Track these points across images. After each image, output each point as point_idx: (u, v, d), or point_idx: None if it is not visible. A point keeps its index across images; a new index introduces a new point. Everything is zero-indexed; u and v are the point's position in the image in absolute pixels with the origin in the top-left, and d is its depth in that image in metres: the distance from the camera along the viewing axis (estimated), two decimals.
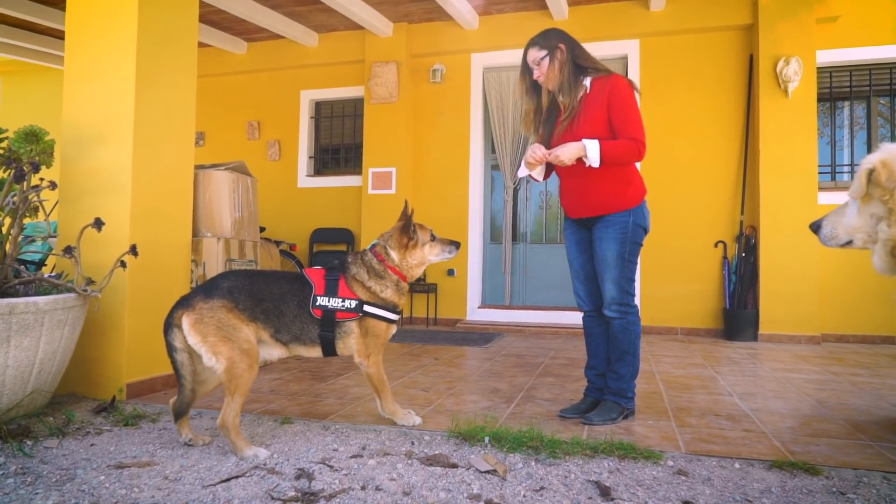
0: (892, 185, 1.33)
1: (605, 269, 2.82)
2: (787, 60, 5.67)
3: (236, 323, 2.36)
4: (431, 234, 2.78)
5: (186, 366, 2.39)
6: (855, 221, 1.46)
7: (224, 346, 2.32)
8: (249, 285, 2.46)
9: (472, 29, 6.73)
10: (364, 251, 2.70)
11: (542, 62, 2.83)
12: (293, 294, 2.51)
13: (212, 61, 7.69)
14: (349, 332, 2.56)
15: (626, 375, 2.85)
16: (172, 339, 2.37)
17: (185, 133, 3.50)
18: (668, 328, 6.15)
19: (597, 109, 2.77)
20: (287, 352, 2.56)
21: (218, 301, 2.37)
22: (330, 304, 2.51)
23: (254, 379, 2.41)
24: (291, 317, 2.49)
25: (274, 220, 7.31)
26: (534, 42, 2.89)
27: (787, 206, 5.69)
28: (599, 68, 2.85)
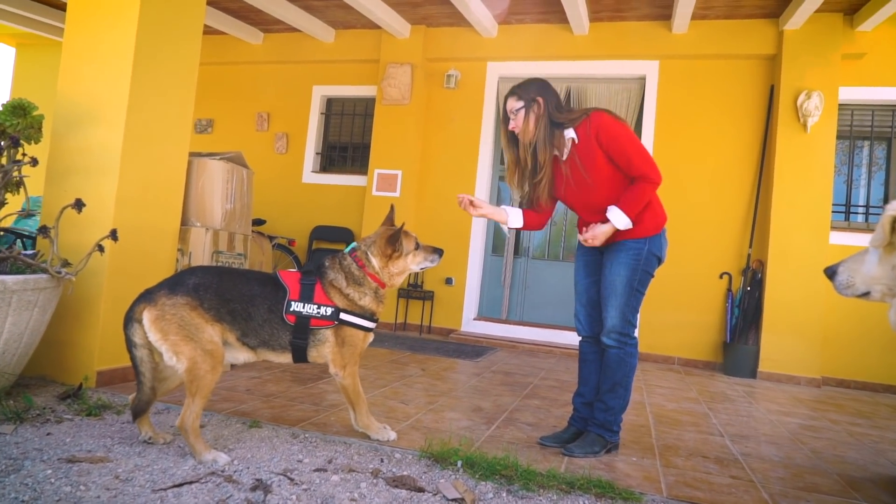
0: None
1: (611, 295, 2.68)
2: (808, 94, 5.54)
3: (199, 322, 2.25)
4: (416, 243, 2.67)
5: (146, 363, 2.28)
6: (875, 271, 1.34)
7: (186, 345, 2.21)
8: (217, 284, 2.33)
9: (490, 37, 6.64)
10: (343, 255, 2.57)
11: (518, 113, 2.69)
12: (264, 297, 2.39)
13: (227, 49, 7.64)
14: (324, 341, 2.45)
15: (615, 408, 2.72)
16: (132, 334, 2.25)
17: (182, 119, 3.42)
18: (666, 357, 6.01)
19: (593, 154, 2.63)
20: (255, 356, 2.44)
21: (182, 298, 2.25)
22: (304, 311, 2.39)
23: (217, 380, 2.30)
24: (260, 321, 2.37)
25: (276, 213, 7.23)
26: (512, 92, 2.75)
27: (796, 243, 5.55)
28: (576, 118, 2.67)
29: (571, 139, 2.67)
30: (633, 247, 2.67)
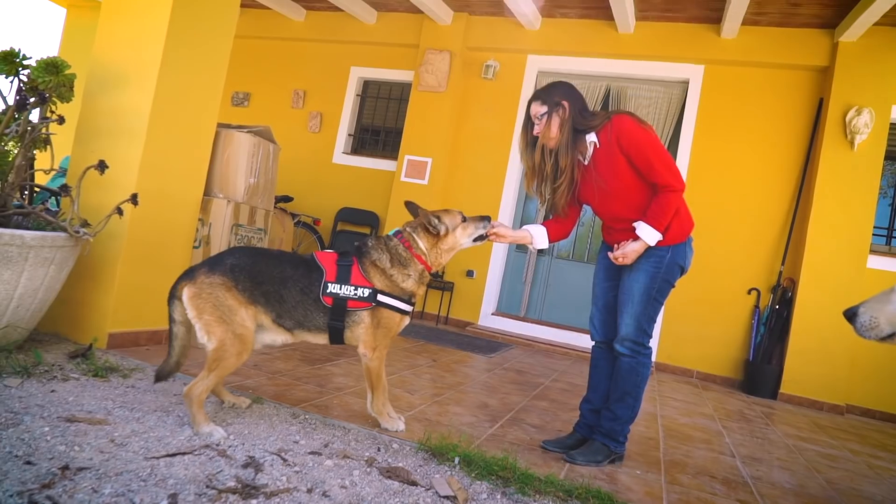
0: None
1: (628, 302, 2.60)
2: (858, 110, 5.31)
3: (234, 304, 2.26)
4: (462, 216, 2.61)
5: (180, 339, 2.32)
6: None
7: (219, 326, 2.24)
8: (251, 266, 2.34)
9: (532, 29, 6.52)
10: (388, 236, 2.54)
11: (542, 118, 2.60)
12: (296, 279, 2.37)
13: (268, 24, 7.66)
14: (359, 322, 2.42)
15: (623, 418, 2.64)
16: (173, 310, 2.30)
17: (213, 89, 3.41)
18: (684, 370, 5.87)
19: (615, 159, 2.53)
20: (292, 337, 2.44)
21: (219, 278, 2.27)
22: (342, 292, 2.37)
23: (240, 365, 2.31)
24: (293, 303, 2.36)
25: (304, 191, 7.25)
26: (537, 96, 2.65)
27: (832, 264, 5.35)
28: (598, 122, 2.57)
29: (593, 143, 2.59)
30: (656, 254, 2.57)
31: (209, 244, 3.48)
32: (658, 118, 6.26)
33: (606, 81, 6.46)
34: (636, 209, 2.57)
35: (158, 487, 1.72)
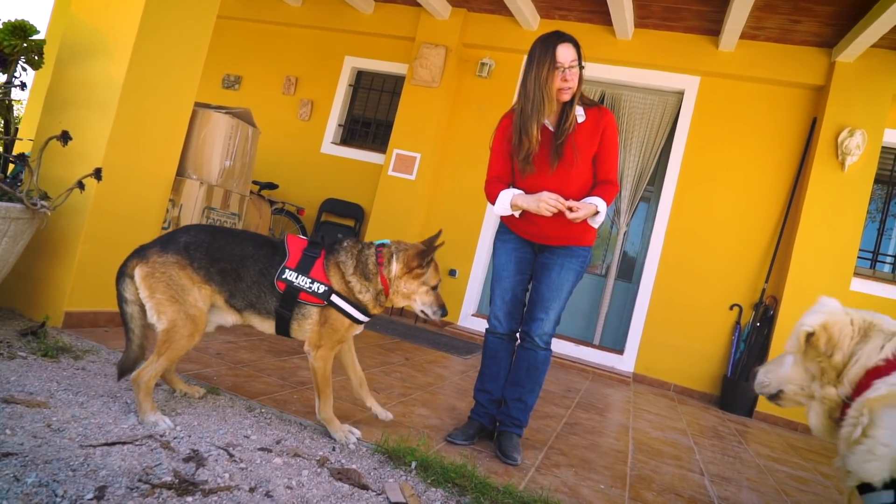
0: (832, 350, 1.30)
1: (555, 299, 2.65)
2: (851, 132, 5.27)
3: (187, 284, 2.17)
4: (437, 284, 2.47)
5: (136, 319, 2.21)
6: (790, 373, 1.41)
7: (171, 306, 2.14)
8: (209, 242, 2.24)
9: (530, 29, 6.44)
10: (369, 245, 2.41)
11: (575, 66, 2.48)
12: (257, 259, 2.27)
13: (265, 7, 7.54)
14: (307, 317, 2.30)
15: (531, 406, 2.75)
16: (123, 289, 2.19)
17: (192, 66, 3.30)
18: (661, 382, 5.82)
19: (591, 143, 2.58)
20: (241, 319, 2.34)
21: (173, 256, 2.18)
22: (296, 282, 2.26)
23: (191, 347, 2.21)
24: (249, 283, 2.25)
25: (290, 179, 7.13)
26: (569, 39, 2.49)
27: (815, 284, 5.31)
28: (591, 101, 2.64)
29: (581, 115, 2.58)
30: (582, 255, 2.71)
31: (178, 224, 3.37)
32: (651, 127, 6.20)
33: (602, 87, 6.39)
34: (580, 193, 2.58)
35: (87, 479, 1.62)
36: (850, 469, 1.22)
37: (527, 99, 2.51)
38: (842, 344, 1.35)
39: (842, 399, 1.33)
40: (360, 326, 2.41)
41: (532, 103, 2.49)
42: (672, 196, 6.00)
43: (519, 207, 2.57)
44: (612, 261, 6.28)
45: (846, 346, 1.34)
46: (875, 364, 1.28)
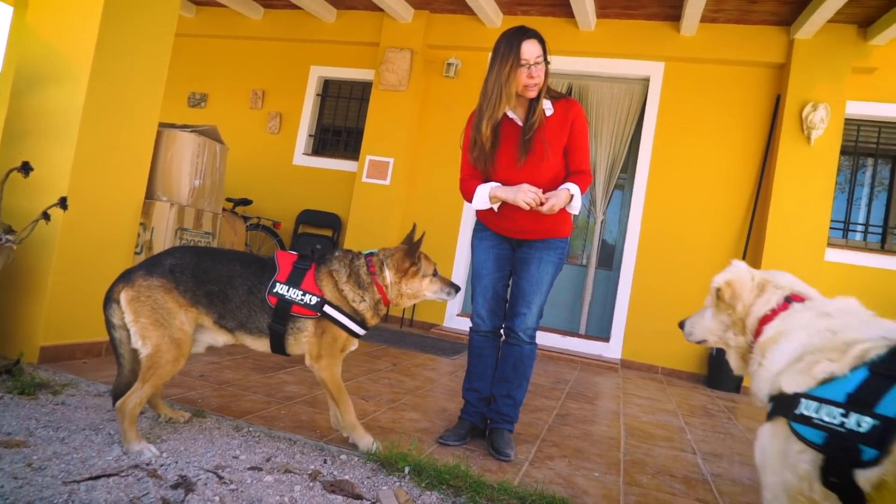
0: (734, 302, 1.56)
1: (537, 292, 2.66)
2: (814, 106, 5.36)
3: (173, 307, 2.14)
4: (435, 269, 2.49)
5: (125, 344, 2.17)
6: (709, 324, 1.68)
7: (155, 330, 2.11)
8: (195, 264, 2.22)
9: (493, 27, 6.45)
10: (358, 254, 2.40)
11: (541, 62, 2.48)
12: (245, 278, 2.25)
13: (225, 23, 7.47)
14: (302, 330, 2.28)
15: (520, 401, 2.75)
16: (111, 314, 2.16)
17: (153, 86, 3.26)
18: (649, 366, 5.86)
19: (562, 134, 2.59)
20: (233, 339, 2.31)
21: (158, 280, 2.15)
22: (288, 295, 2.24)
23: (176, 372, 2.18)
24: (238, 302, 2.23)
25: (263, 194, 7.07)
26: (535, 35, 2.48)
27: (791, 258, 5.39)
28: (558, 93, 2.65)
29: (549, 107, 2.58)
30: (560, 246, 2.71)
31: (151, 249, 3.32)
32: (620, 115, 6.25)
33: (568, 79, 6.43)
34: (552, 186, 2.58)
35: None
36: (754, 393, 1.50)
37: (484, 96, 2.51)
38: (742, 297, 1.56)
39: (748, 344, 1.56)
40: (357, 341, 2.39)
41: (488, 101, 2.48)
42: (645, 182, 6.06)
43: (498, 199, 2.55)
44: (591, 250, 6.32)
45: (746, 298, 1.55)
46: (765, 313, 1.51)
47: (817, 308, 1.43)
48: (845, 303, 1.43)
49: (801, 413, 1.24)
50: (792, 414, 1.26)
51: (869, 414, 1.12)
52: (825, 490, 1.19)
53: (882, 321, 1.36)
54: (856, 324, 1.33)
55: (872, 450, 1.10)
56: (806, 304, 1.47)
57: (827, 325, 1.36)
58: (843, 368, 1.23)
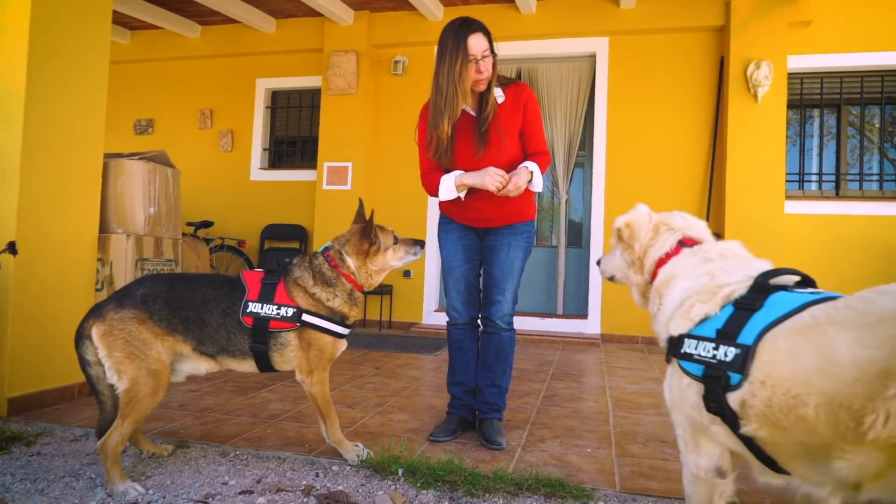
0: (632, 242, 1.65)
1: (509, 279, 2.66)
2: (757, 64, 5.47)
3: (148, 338, 2.08)
4: (394, 237, 2.46)
5: (103, 381, 2.10)
6: (617, 262, 1.77)
7: (130, 364, 2.05)
8: (167, 292, 2.16)
9: (436, 20, 6.43)
10: (315, 254, 2.38)
11: (488, 55, 2.46)
12: (219, 300, 2.20)
13: (162, 45, 7.30)
14: (286, 345, 2.24)
15: (506, 388, 2.75)
16: (84, 351, 2.09)
17: (93, 117, 3.16)
18: (629, 337, 5.94)
19: (515, 119, 2.59)
20: (216, 365, 2.26)
21: (130, 311, 2.09)
22: (262, 312, 2.20)
23: (156, 405, 2.11)
24: (215, 326, 2.18)
25: (224, 214, 6.96)
26: (480, 28, 2.47)
27: (753, 214, 5.50)
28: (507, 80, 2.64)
29: (500, 95, 2.58)
30: (526, 230, 2.71)
31: (112, 284, 3.23)
32: (571, 94, 6.30)
33: (517, 64, 6.45)
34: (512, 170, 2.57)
35: None
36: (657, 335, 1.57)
37: (439, 94, 2.47)
38: (639, 237, 1.64)
39: (645, 283, 1.65)
40: (343, 342, 2.37)
41: (445, 98, 2.45)
42: (604, 157, 6.12)
43: (465, 185, 2.53)
44: (559, 230, 6.36)
45: (643, 239, 1.63)
46: (660, 257, 1.59)
47: (702, 253, 1.53)
48: (727, 247, 1.54)
49: (684, 351, 1.38)
50: (678, 353, 1.40)
51: (732, 345, 1.26)
52: (710, 416, 1.32)
53: (755, 262, 1.47)
54: (730, 267, 1.45)
55: (737, 375, 1.24)
56: (694, 249, 1.56)
57: (707, 269, 1.47)
58: (714, 308, 1.38)
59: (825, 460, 1.11)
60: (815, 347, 1.12)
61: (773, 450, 1.24)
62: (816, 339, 1.12)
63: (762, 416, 1.19)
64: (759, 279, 1.35)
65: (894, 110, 5.89)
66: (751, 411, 1.22)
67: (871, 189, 5.84)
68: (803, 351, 1.14)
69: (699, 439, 1.40)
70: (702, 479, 1.41)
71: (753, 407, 1.21)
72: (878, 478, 1.06)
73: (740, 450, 1.33)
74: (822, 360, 1.09)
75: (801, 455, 1.18)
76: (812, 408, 1.09)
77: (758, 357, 1.21)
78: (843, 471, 1.08)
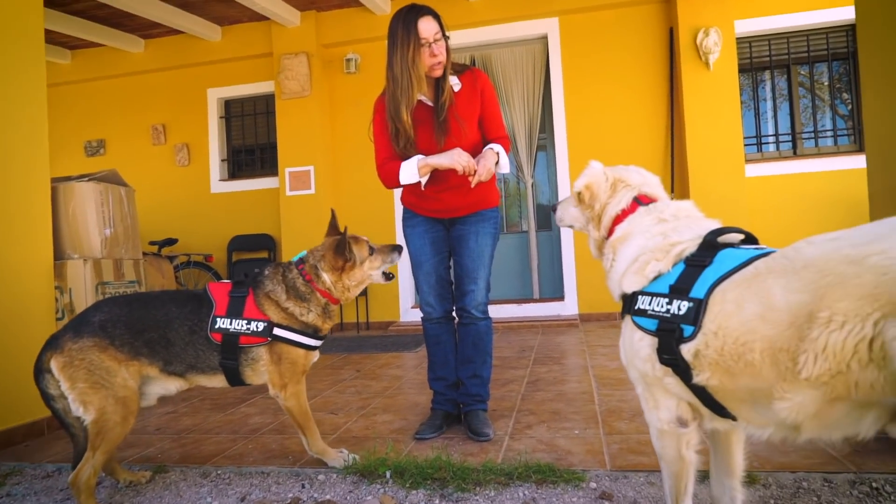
0: (593, 203, 1.70)
1: (480, 267, 2.64)
2: (706, 32, 5.52)
3: (111, 365, 2.00)
4: (370, 247, 2.37)
5: (71, 413, 2.01)
6: (573, 212, 1.82)
7: (95, 394, 1.97)
8: (127, 315, 2.07)
9: (384, 14, 6.33)
10: (289, 265, 2.29)
11: (440, 39, 2.41)
12: (183, 318, 2.12)
13: (106, 62, 7.08)
14: (257, 359, 2.17)
15: (488, 378, 2.72)
16: (46, 386, 2.01)
17: (35, 141, 3.03)
18: (606, 314, 5.97)
19: (474, 106, 2.56)
20: (186, 383, 2.18)
21: (89, 339, 2.00)
22: (232, 328, 2.12)
23: (127, 432, 2.03)
24: (182, 344, 2.10)
25: (187, 229, 6.79)
26: (429, 11, 2.42)
27: (715, 180, 5.56)
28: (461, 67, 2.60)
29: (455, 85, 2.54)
30: (492, 216, 2.69)
31: (73, 311, 3.11)
32: (526, 77, 6.28)
33: (469, 51, 6.41)
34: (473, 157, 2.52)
35: None
36: (611, 291, 1.63)
37: (395, 83, 2.42)
38: (599, 197, 1.69)
39: (602, 238, 1.69)
40: (316, 353, 2.31)
41: (401, 87, 2.40)
42: (565, 137, 6.12)
43: (430, 167, 2.44)
44: (528, 215, 6.35)
45: (602, 198, 1.69)
46: (616, 214, 1.64)
47: (657, 213, 1.58)
48: (680, 206, 1.60)
49: (638, 307, 1.43)
50: (632, 310, 1.45)
51: (685, 299, 1.32)
52: (664, 368, 1.37)
53: (705, 221, 1.54)
54: (682, 227, 1.51)
55: (690, 327, 1.30)
56: (649, 208, 1.60)
57: (661, 229, 1.52)
58: (666, 266, 1.43)
59: (768, 402, 1.17)
60: (757, 297, 1.19)
61: (722, 396, 1.30)
62: (758, 289, 1.20)
63: (715, 365, 1.25)
64: (707, 237, 1.41)
65: (840, 66, 6.01)
66: (704, 361, 1.27)
67: (827, 145, 5.96)
68: (748, 301, 1.21)
69: (656, 394, 1.45)
70: (666, 431, 1.45)
71: (707, 356, 1.27)
72: (815, 417, 1.13)
73: (691, 399, 1.39)
74: (763, 308, 1.17)
75: (748, 400, 1.24)
76: (758, 353, 1.16)
77: (710, 309, 1.28)
78: (783, 412, 1.15)
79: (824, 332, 1.05)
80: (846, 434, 1.14)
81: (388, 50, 2.45)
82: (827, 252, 1.11)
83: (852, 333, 1.01)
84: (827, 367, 1.05)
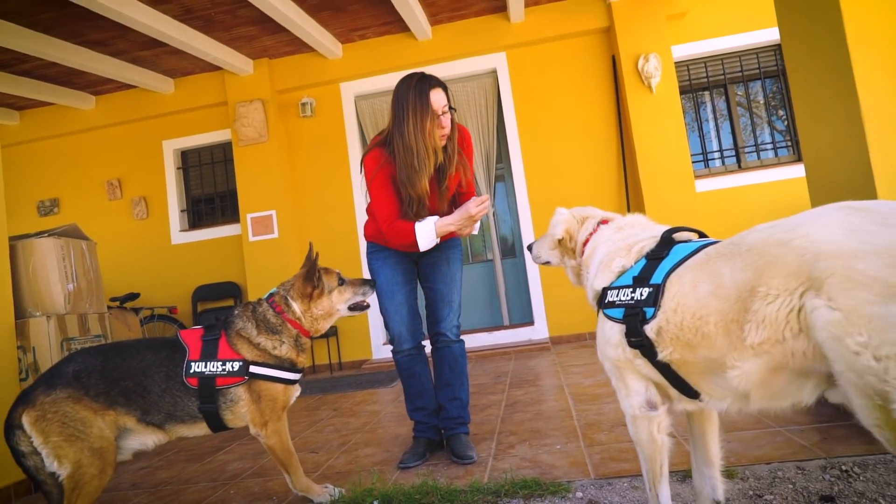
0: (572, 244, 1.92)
1: (453, 291, 2.72)
2: (646, 58, 5.81)
3: (87, 416, 1.96)
4: (339, 278, 2.40)
5: (44, 470, 1.95)
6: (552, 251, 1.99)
7: (70, 447, 1.92)
8: (102, 364, 2.05)
9: (336, 58, 6.48)
10: (259, 301, 2.31)
11: (447, 112, 2.45)
12: (159, 364, 2.10)
13: (56, 120, 6.99)
14: (237, 400, 2.15)
15: (467, 400, 2.77)
16: (17, 443, 1.95)
17: None
18: (577, 335, 6.06)
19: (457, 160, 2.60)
20: (166, 435, 2.14)
21: (62, 392, 1.96)
22: (207, 370, 2.10)
23: (105, 485, 1.98)
24: (159, 392, 2.07)
25: (149, 283, 6.67)
26: (441, 83, 2.45)
27: (668, 197, 5.77)
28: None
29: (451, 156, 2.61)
30: (458, 243, 2.82)
31: (38, 370, 3.02)
32: (480, 111, 6.46)
33: None
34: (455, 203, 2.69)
35: None
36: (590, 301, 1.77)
37: (410, 152, 2.39)
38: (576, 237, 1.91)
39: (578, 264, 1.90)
40: (296, 387, 2.30)
41: (417, 157, 2.39)
42: (522, 167, 6.29)
43: (448, 230, 2.49)
44: (492, 244, 6.46)
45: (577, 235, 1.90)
46: (585, 238, 1.86)
47: (615, 225, 1.82)
48: (633, 218, 1.84)
49: (608, 301, 1.60)
50: (603, 304, 1.61)
51: (646, 286, 1.50)
52: (633, 350, 1.52)
53: (657, 227, 1.75)
54: (638, 231, 1.73)
55: (651, 308, 1.46)
56: (609, 225, 1.84)
57: (620, 236, 1.74)
58: (630, 262, 1.62)
59: (723, 372, 1.31)
60: (709, 276, 1.36)
61: (685, 371, 1.44)
62: (709, 270, 1.37)
63: (675, 338, 1.41)
64: (664, 235, 1.60)
65: (773, 84, 6.38)
66: (666, 336, 1.43)
67: (769, 157, 6.28)
68: (701, 281, 1.38)
69: (627, 379, 1.58)
70: (638, 416, 1.57)
71: (669, 332, 1.42)
72: (762, 385, 1.27)
73: (659, 380, 1.52)
74: (714, 286, 1.33)
75: (707, 371, 1.38)
76: (712, 325, 1.32)
77: (668, 290, 1.45)
78: (735, 380, 1.29)
79: (763, 305, 1.21)
80: (792, 402, 1.29)
81: (397, 116, 2.43)
82: (764, 237, 1.28)
83: (784, 305, 1.18)
84: (767, 336, 1.21)
